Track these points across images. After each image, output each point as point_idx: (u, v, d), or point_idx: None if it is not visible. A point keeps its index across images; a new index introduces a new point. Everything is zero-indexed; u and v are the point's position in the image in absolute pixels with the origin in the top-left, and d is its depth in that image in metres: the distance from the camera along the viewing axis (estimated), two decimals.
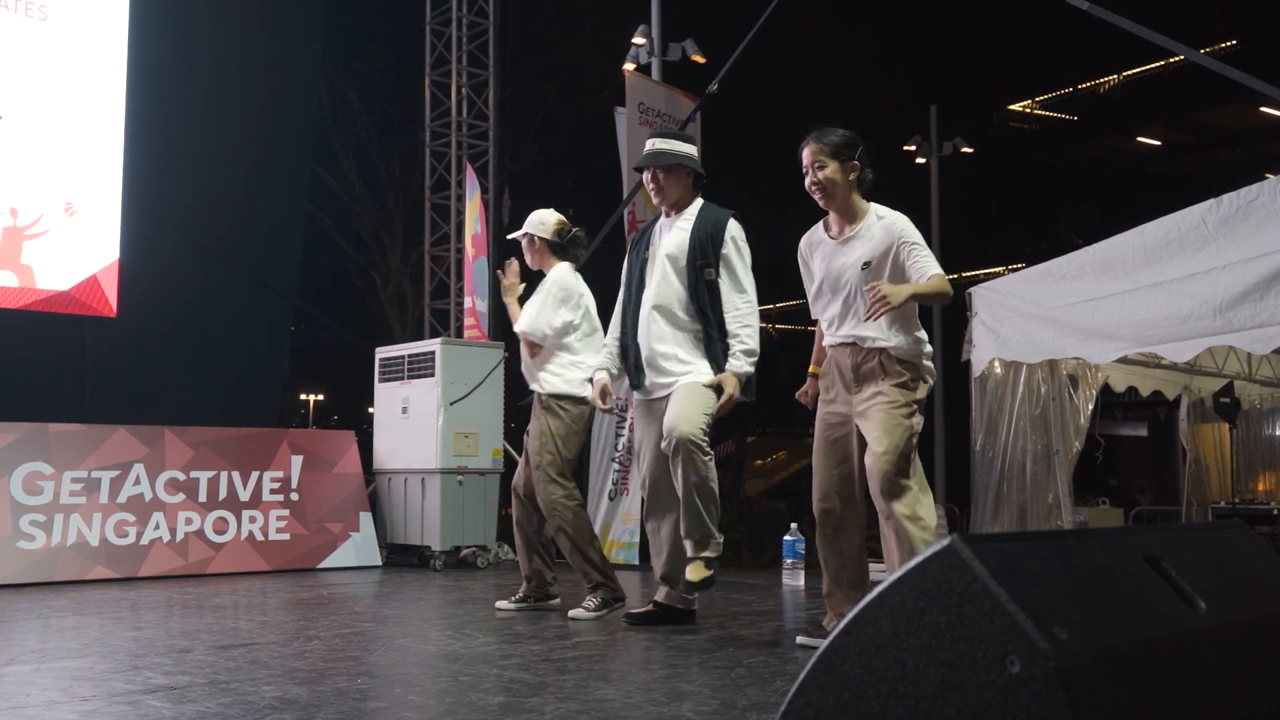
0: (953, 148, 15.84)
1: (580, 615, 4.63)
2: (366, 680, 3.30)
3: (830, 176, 3.74)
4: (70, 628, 4.43)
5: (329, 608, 5.14)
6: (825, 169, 3.75)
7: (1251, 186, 5.40)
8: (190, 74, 9.01)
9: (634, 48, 9.62)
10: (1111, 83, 29.38)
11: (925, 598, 1.37)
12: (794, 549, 6.15)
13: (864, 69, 28.67)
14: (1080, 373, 7.65)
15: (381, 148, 17.33)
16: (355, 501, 7.24)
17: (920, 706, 1.34)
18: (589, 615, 4.63)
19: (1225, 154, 26.24)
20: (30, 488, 6.12)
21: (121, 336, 8.36)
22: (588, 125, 16.16)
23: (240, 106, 9.40)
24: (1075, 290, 6.37)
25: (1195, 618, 1.51)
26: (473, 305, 8.99)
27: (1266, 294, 5.19)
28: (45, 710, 2.83)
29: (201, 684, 3.17)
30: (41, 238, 7.78)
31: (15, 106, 7.74)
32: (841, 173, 3.74)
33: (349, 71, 16.40)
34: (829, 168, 3.74)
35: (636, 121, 8.34)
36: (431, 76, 11.12)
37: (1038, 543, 1.47)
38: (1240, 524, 1.91)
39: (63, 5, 7.99)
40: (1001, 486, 7.32)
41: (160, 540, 6.43)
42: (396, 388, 7.43)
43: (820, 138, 3.78)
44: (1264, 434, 10.37)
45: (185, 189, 8.96)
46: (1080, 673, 1.25)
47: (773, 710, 2.71)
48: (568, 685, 3.16)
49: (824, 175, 3.75)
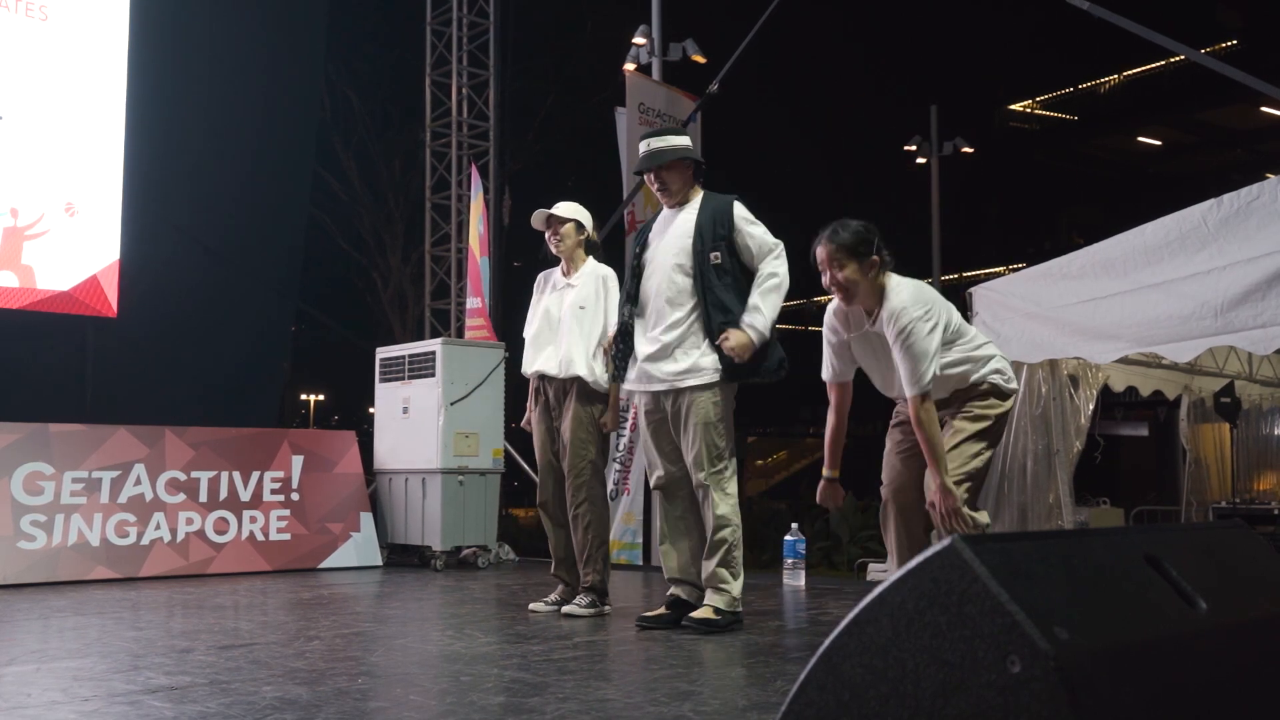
0: (953, 148, 15.85)
1: (575, 611, 4.69)
2: (367, 680, 3.30)
3: (850, 277, 3.68)
4: (71, 628, 4.43)
5: (330, 608, 5.14)
6: (844, 269, 3.68)
7: (1251, 186, 5.40)
8: (190, 74, 9.01)
9: (634, 48, 9.62)
10: (1112, 82, 29.40)
11: (926, 598, 1.37)
12: (794, 549, 6.14)
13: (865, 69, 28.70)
14: (1081, 373, 7.65)
15: (382, 148, 17.36)
16: (356, 501, 7.24)
17: (921, 706, 1.35)
18: (583, 612, 4.68)
19: (1226, 154, 26.24)
20: (31, 488, 6.12)
21: (122, 336, 8.36)
22: (588, 125, 16.19)
23: (241, 106, 9.40)
24: (1076, 290, 6.37)
25: (1196, 618, 1.51)
26: (481, 306, 8.99)
27: (1268, 294, 5.19)
28: (46, 710, 2.83)
29: (202, 684, 3.17)
30: (42, 238, 7.79)
31: (15, 106, 7.75)
32: (860, 271, 3.68)
33: (349, 71, 16.42)
34: (848, 268, 3.68)
35: (636, 121, 8.34)
36: (432, 76, 11.12)
37: (1038, 543, 1.47)
38: (1241, 524, 1.91)
39: (63, 5, 7.99)
40: (1002, 486, 7.32)
41: (161, 540, 6.43)
42: (397, 388, 7.43)
43: (834, 238, 3.71)
44: (1264, 434, 10.36)
45: (186, 189, 8.97)
46: (1081, 673, 1.25)
47: (773, 710, 2.71)
48: (568, 685, 3.17)
49: (844, 276, 3.68)
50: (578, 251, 4.93)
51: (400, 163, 17.00)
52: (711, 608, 4.24)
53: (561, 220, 4.89)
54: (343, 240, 17.78)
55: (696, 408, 4.22)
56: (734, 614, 4.26)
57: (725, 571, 4.24)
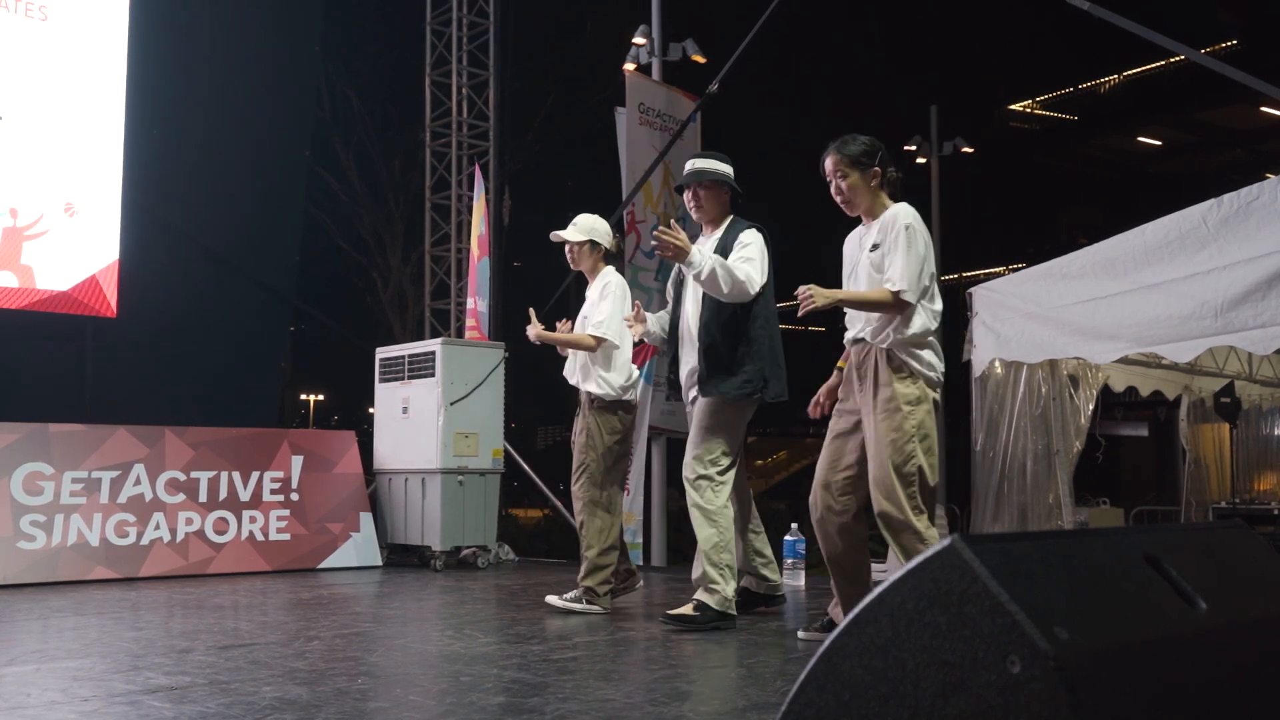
0: (953, 148, 15.84)
1: (554, 601, 4.90)
2: (367, 680, 3.30)
3: (853, 185, 3.83)
4: (71, 628, 4.43)
5: (329, 608, 5.14)
6: (847, 178, 3.83)
7: (1251, 186, 5.40)
8: (190, 74, 9.00)
9: (634, 48, 9.62)
10: (1112, 82, 29.39)
11: (926, 598, 1.36)
12: (794, 549, 6.14)
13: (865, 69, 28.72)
14: (1080, 373, 7.65)
15: (382, 148, 17.34)
16: (356, 501, 7.23)
17: (921, 706, 1.34)
18: (559, 603, 4.88)
19: (1226, 154, 26.24)
20: (31, 488, 6.12)
21: (121, 336, 8.35)
22: (588, 125, 16.18)
23: (239, 107, 9.40)
24: (1076, 290, 6.37)
25: (1196, 618, 1.51)
26: (474, 306, 9.00)
27: (1268, 294, 5.19)
28: (45, 710, 2.83)
29: (202, 684, 3.17)
30: (41, 238, 7.78)
31: (15, 106, 7.74)
32: (863, 180, 3.82)
33: (349, 71, 16.41)
34: (850, 177, 3.83)
35: (636, 121, 8.35)
36: (432, 76, 11.12)
37: (1038, 543, 1.47)
38: (1241, 524, 1.91)
39: (63, 5, 7.99)
40: (1002, 487, 7.32)
41: (161, 540, 6.42)
42: (397, 388, 7.42)
43: (840, 148, 3.86)
44: (1264, 434, 10.36)
45: (185, 189, 8.97)
46: (1081, 673, 1.25)
47: (773, 710, 2.71)
48: (568, 686, 3.16)
49: (846, 184, 3.83)
50: (598, 265, 5.11)
51: (400, 163, 16.99)
52: (695, 602, 4.34)
53: (577, 240, 5.10)
54: (342, 240, 17.76)
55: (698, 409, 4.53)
56: (722, 613, 4.30)
57: (714, 571, 4.34)
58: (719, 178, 4.57)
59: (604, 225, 5.17)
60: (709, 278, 4.21)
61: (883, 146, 3.87)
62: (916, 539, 3.53)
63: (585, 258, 5.09)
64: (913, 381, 3.66)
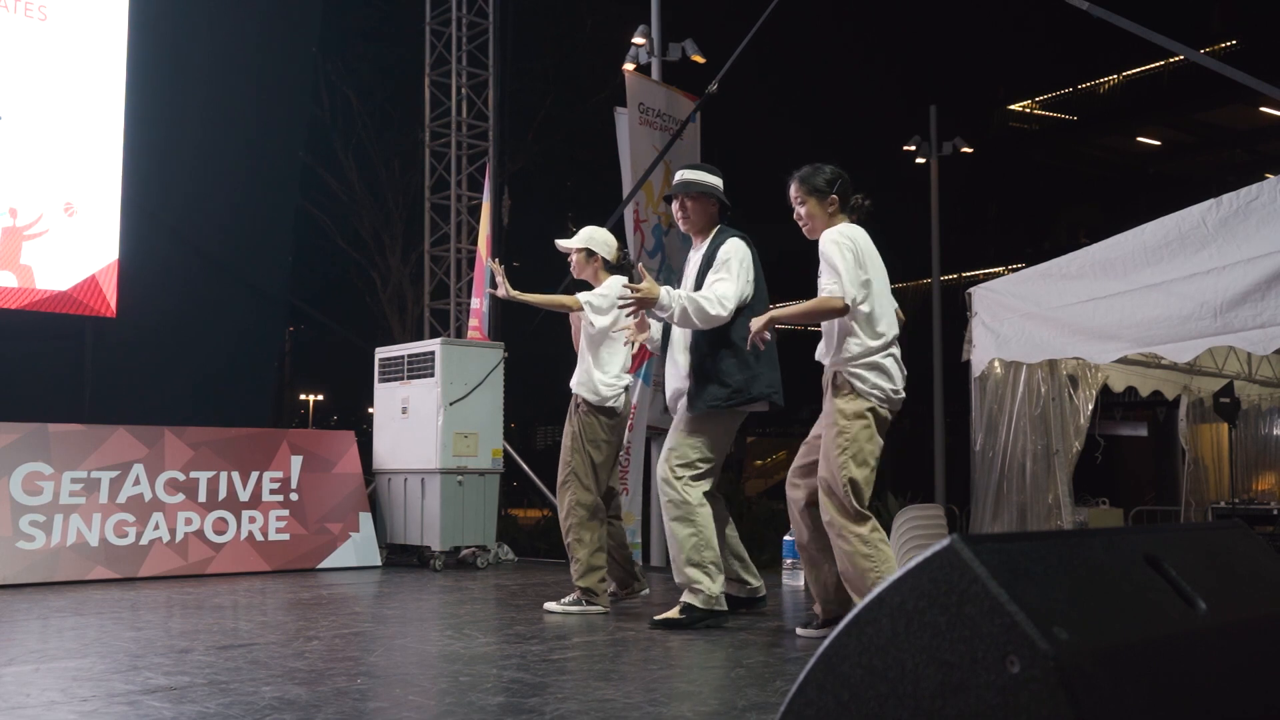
0: (953, 148, 15.82)
1: (551, 608, 4.90)
2: (366, 680, 3.29)
3: (811, 211, 4.09)
4: (70, 628, 4.43)
5: (329, 608, 5.14)
6: (805, 204, 4.10)
7: (1251, 186, 5.39)
8: (189, 75, 9.00)
9: (634, 48, 9.61)
10: (1111, 83, 29.38)
11: (925, 598, 1.36)
12: (794, 549, 6.14)
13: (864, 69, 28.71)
14: (1080, 373, 7.64)
15: (381, 148, 17.32)
16: (355, 501, 7.23)
17: (920, 706, 1.34)
18: (557, 609, 4.88)
19: (1225, 154, 26.22)
20: (30, 488, 6.12)
21: (121, 337, 8.35)
22: (588, 125, 16.17)
23: (237, 107, 9.39)
24: (1075, 290, 6.36)
25: (1195, 618, 1.51)
26: (478, 306, 9.00)
27: (1267, 294, 5.18)
28: (45, 710, 2.83)
29: (201, 684, 3.16)
30: (41, 238, 7.78)
31: (15, 106, 7.74)
32: (820, 207, 4.08)
33: (349, 71, 16.38)
34: (808, 204, 4.09)
35: (637, 121, 8.34)
36: (431, 76, 11.12)
37: (1038, 543, 1.47)
38: (1240, 524, 1.91)
39: (63, 5, 7.99)
40: (1001, 487, 7.31)
41: (160, 540, 6.42)
42: (396, 388, 7.42)
43: (801, 177, 4.12)
44: (1263, 434, 10.36)
45: (182, 191, 8.96)
46: (1080, 673, 1.25)
47: (773, 710, 2.71)
48: (568, 685, 3.16)
49: (804, 211, 4.11)
50: (598, 274, 5.16)
51: (399, 163, 16.97)
52: (681, 604, 4.37)
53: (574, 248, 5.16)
54: (342, 240, 17.74)
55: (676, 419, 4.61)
56: (708, 611, 4.32)
57: (697, 571, 4.35)
58: (706, 189, 4.61)
59: (605, 235, 5.20)
60: (681, 317, 4.30)
61: (844, 176, 4.10)
62: (856, 540, 3.85)
63: (584, 266, 5.15)
64: (854, 399, 3.94)
